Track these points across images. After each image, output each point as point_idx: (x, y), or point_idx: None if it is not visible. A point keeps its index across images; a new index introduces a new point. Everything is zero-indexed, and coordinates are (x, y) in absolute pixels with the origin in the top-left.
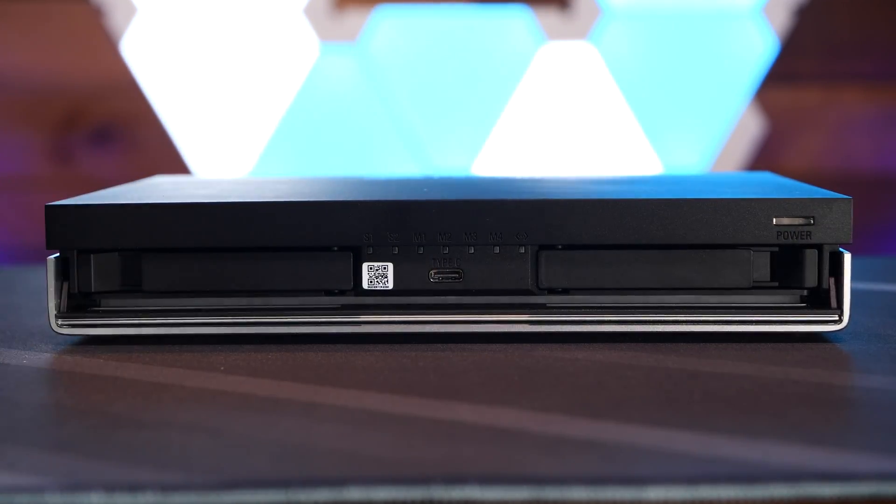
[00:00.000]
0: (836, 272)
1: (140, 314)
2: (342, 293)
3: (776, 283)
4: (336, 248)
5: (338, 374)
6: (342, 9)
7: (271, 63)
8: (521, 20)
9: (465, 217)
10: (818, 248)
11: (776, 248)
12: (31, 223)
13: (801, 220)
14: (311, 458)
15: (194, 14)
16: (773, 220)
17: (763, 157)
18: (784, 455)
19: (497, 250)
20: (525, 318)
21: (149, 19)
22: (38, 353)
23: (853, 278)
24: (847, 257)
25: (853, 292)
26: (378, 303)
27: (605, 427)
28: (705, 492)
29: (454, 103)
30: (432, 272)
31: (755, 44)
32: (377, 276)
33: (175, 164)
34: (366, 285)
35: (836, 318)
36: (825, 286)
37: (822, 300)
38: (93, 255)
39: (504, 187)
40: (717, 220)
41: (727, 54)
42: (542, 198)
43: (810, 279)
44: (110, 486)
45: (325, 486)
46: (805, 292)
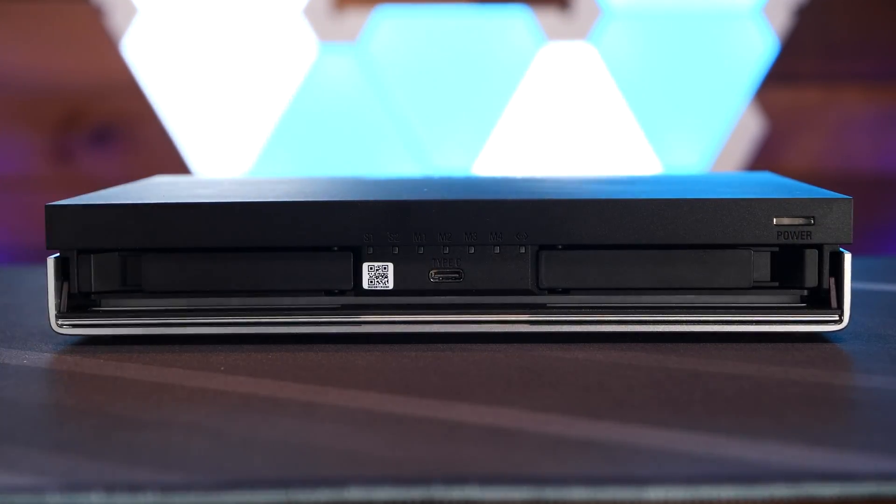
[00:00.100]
0: (837, 272)
1: (140, 314)
2: (342, 293)
3: (776, 283)
4: (336, 248)
5: (338, 374)
6: (342, 9)
7: (271, 63)
8: (521, 20)
9: (465, 217)
10: (818, 248)
11: (776, 248)
12: (31, 223)
13: (801, 220)
14: (311, 458)
15: (194, 14)
16: (774, 220)
17: (763, 157)
18: (784, 455)
19: (497, 250)
20: (525, 318)
21: (149, 19)
22: (38, 353)
23: (853, 278)
24: (847, 257)
25: (853, 292)
26: (378, 303)
27: (605, 427)
28: (705, 492)
29: (454, 103)
30: (432, 272)
31: (755, 44)
32: (377, 276)
33: (175, 164)
34: (366, 285)
35: (837, 318)
36: (825, 286)
37: (822, 300)
38: (93, 255)
39: (504, 187)
40: (717, 220)
41: (727, 54)
42: (542, 198)
43: (810, 279)
44: (110, 486)
45: (325, 486)
46: (805, 292)
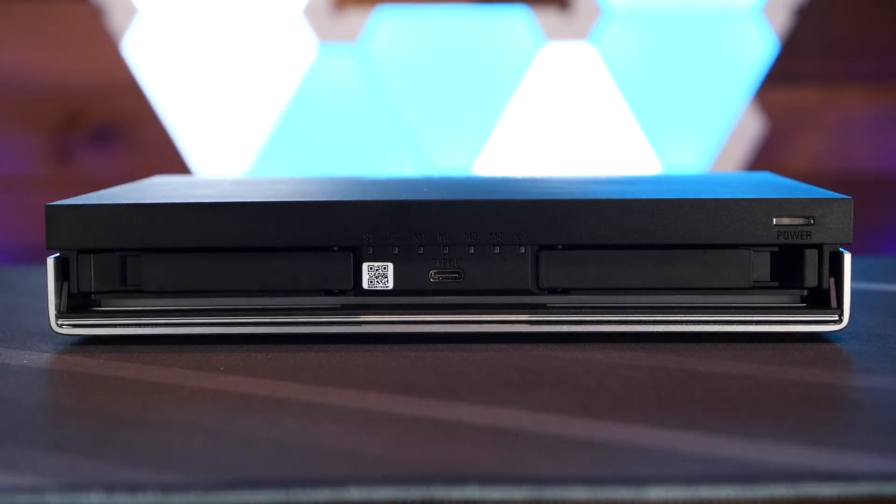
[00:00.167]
0: (837, 272)
1: (140, 314)
2: (342, 293)
3: (776, 283)
4: (336, 248)
5: (338, 374)
6: (342, 9)
7: (271, 63)
8: (521, 20)
9: (465, 217)
10: (818, 248)
11: (776, 248)
12: (31, 223)
13: (801, 220)
14: (311, 458)
15: (195, 14)
16: (773, 220)
17: (763, 157)
18: (784, 455)
19: (497, 250)
20: (525, 318)
21: (149, 19)
22: (38, 353)
23: (853, 278)
24: (847, 257)
25: (853, 292)
26: (378, 303)
27: (605, 427)
28: (705, 492)
29: (454, 103)
30: (432, 272)
31: (755, 44)
32: (377, 276)
33: (175, 164)
34: (366, 285)
35: (836, 318)
36: (825, 286)
37: (822, 300)
38: (93, 255)
39: (504, 187)
40: (717, 220)
41: (727, 54)
42: (542, 198)
43: (810, 279)
44: (110, 486)
45: (325, 486)
46: (805, 292)
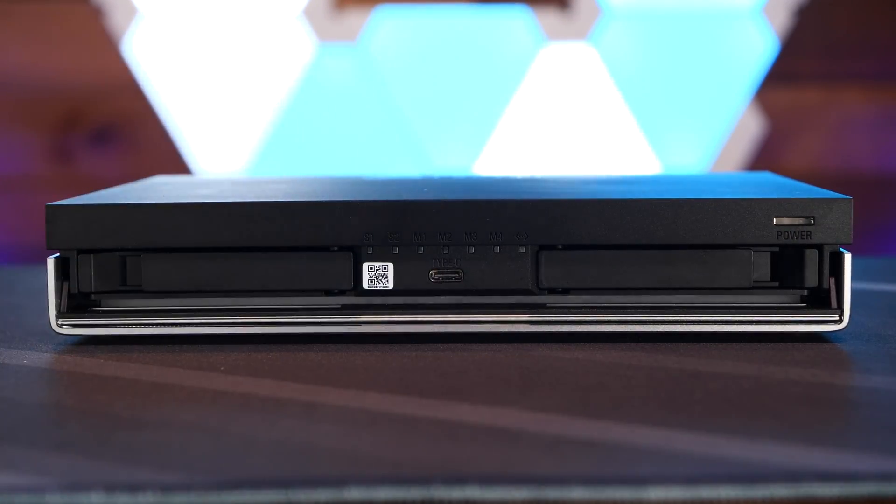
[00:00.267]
0: (837, 272)
1: (140, 314)
2: (342, 293)
3: (776, 283)
4: (336, 248)
5: (338, 374)
6: (342, 9)
7: (271, 63)
8: (521, 20)
9: (465, 217)
10: (818, 248)
11: (776, 248)
12: (31, 223)
13: (801, 220)
14: (311, 458)
15: (194, 14)
16: (774, 220)
17: (763, 157)
18: (784, 455)
19: (497, 250)
20: (525, 318)
21: (149, 19)
22: (38, 353)
23: (853, 278)
24: (847, 257)
25: (853, 292)
26: (378, 303)
27: (605, 427)
28: (705, 492)
29: (454, 103)
30: (432, 272)
31: (755, 44)
32: (377, 276)
33: (175, 164)
34: (366, 285)
35: (837, 318)
36: (825, 286)
37: (822, 300)
38: (93, 255)
39: (504, 187)
40: (717, 220)
41: (727, 54)
42: (542, 198)
43: (810, 279)
44: (110, 486)
45: (325, 486)
46: (805, 292)
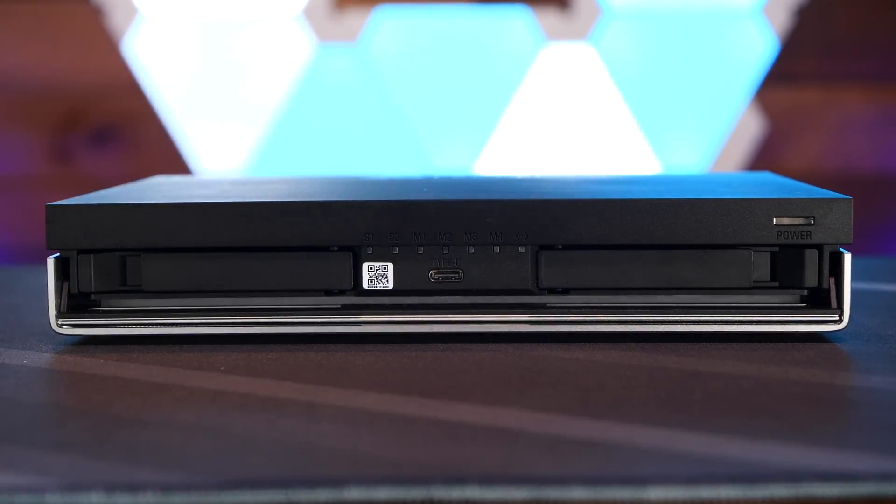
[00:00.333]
0: (837, 272)
1: (140, 314)
2: (342, 293)
3: (776, 283)
4: (336, 248)
5: (338, 374)
6: (342, 9)
7: (272, 63)
8: (521, 20)
9: (465, 217)
10: (818, 248)
11: (776, 248)
12: (31, 223)
13: (801, 220)
14: (311, 458)
15: (194, 14)
16: (774, 220)
17: (763, 157)
18: (784, 455)
19: (497, 250)
20: (525, 318)
21: (149, 19)
22: (38, 353)
23: (853, 278)
24: (847, 257)
25: (853, 292)
26: (378, 303)
27: (605, 427)
28: (705, 492)
29: (454, 103)
30: (432, 272)
31: (755, 44)
32: (377, 276)
33: (175, 164)
34: (366, 285)
35: (836, 318)
36: (825, 286)
37: (822, 300)
38: (93, 255)
39: (504, 187)
40: (717, 220)
41: (727, 54)
42: (542, 198)
43: (810, 279)
44: (110, 486)
45: (325, 486)
46: (805, 292)
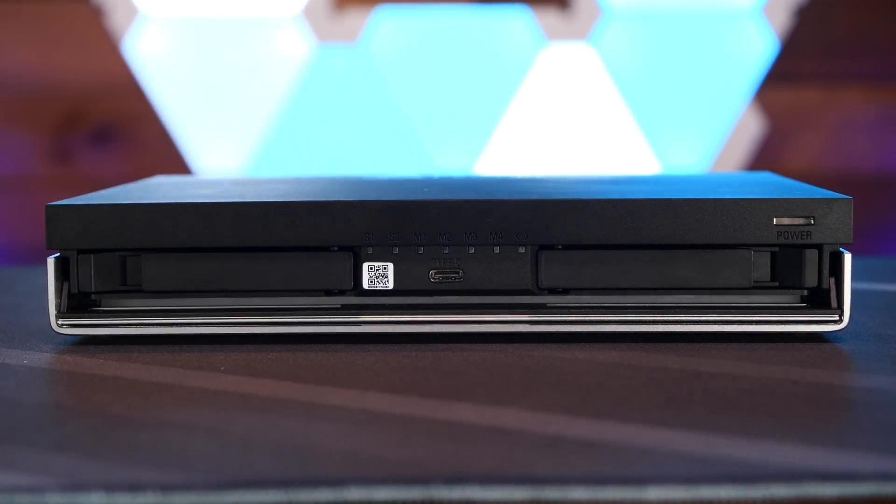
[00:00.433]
0: (837, 272)
1: (140, 314)
2: (342, 293)
3: (776, 283)
4: (336, 248)
5: (338, 375)
6: (342, 9)
7: (271, 63)
8: (521, 20)
9: (465, 217)
10: (818, 248)
11: (776, 248)
12: (31, 223)
13: (801, 220)
14: (311, 458)
15: (194, 14)
16: (774, 220)
17: (763, 157)
18: (784, 455)
19: (497, 250)
20: (525, 318)
21: (149, 19)
22: (38, 353)
23: (853, 278)
24: (847, 257)
25: (853, 292)
26: (378, 303)
27: (605, 427)
28: (705, 492)
29: (454, 103)
30: (432, 272)
31: (755, 44)
32: (377, 276)
33: (175, 164)
34: (366, 285)
35: (837, 318)
36: (825, 286)
37: (822, 300)
38: (93, 255)
39: (504, 187)
40: (717, 220)
41: (727, 54)
42: (542, 198)
43: (810, 279)
44: (110, 486)
45: (325, 486)
46: (805, 292)
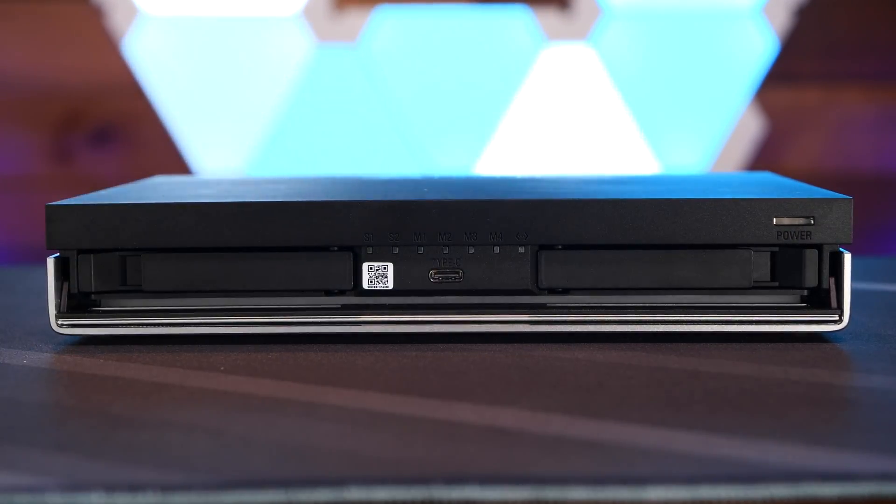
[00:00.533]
0: (837, 272)
1: (140, 314)
2: (342, 293)
3: (776, 283)
4: (336, 248)
5: (338, 375)
6: (342, 9)
7: (271, 63)
8: (521, 20)
9: (465, 217)
10: (818, 248)
11: (776, 248)
12: (31, 223)
13: (801, 220)
14: (311, 458)
15: (194, 14)
16: (774, 220)
17: (763, 157)
18: (784, 455)
19: (497, 250)
20: (525, 318)
21: (149, 19)
22: (38, 353)
23: (853, 278)
24: (847, 257)
25: (853, 292)
26: (378, 303)
27: (605, 427)
28: (705, 492)
29: (455, 103)
30: (432, 272)
31: (755, 44)
32: (377, 276)
33: (175, 164)
34: (366, 285)
35: (836, 318)
36: (825, 286)
37: (822, 300)
38: (93, 255)
39: (504, 187)
40: (717, 220)
41: (727, 54)
42: (542, 198)
43: (810, 279)
44: (110, 486)
45: (325, 486)
46: (805, 292)
